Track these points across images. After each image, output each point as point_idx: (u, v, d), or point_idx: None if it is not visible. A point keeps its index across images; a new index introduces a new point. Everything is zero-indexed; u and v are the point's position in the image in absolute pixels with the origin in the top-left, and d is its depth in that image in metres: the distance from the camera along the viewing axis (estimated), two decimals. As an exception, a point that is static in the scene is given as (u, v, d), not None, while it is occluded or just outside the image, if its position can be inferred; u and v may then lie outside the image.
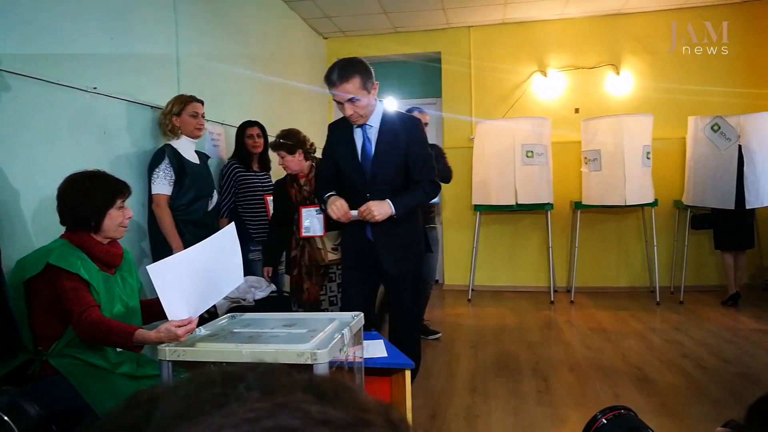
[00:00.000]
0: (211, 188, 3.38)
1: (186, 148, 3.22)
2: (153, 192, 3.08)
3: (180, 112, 3.18)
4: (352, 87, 2.48)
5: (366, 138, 2.68)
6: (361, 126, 2.69)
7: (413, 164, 2.68)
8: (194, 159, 3.26)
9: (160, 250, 3.07)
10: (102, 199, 2.04)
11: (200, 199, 3.23)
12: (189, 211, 3.18)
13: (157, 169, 3.08)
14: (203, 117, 3.28)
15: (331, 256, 3.31)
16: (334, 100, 2.59)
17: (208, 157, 3.51)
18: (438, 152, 4.28)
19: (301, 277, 3.95)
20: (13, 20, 2.35)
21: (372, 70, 2.62)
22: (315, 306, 3.66)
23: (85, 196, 2.02)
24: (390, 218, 2.63)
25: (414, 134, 2.70)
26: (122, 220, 2.10)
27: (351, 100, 2.50)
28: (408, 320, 2.86)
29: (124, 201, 2.13)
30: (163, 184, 3.07)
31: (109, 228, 2.07)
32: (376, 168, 2.67)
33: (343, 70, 2.48)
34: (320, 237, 3.34)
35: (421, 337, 4.03)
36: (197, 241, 3.08)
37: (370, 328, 2.75)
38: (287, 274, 4.24)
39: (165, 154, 3.10)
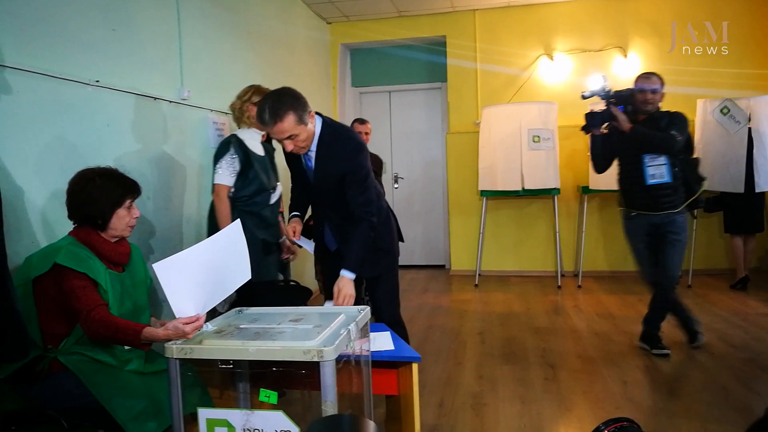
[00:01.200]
0: (274, 181, 3.30)
1: (252, 139, 3.18)
2: (214, 182, 3.07)
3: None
4: (288, 125, 2.36)
5: (307, 157, 2.64)
6: None
7: (350, 200, 2.58)
8: (260, 151, 3.21)
9: None
10: (111, 198, 2.04)
11: (263, 191, 3.18)
12: (251, 203, 3.13)
13: (222, 160, 3.05)
14: None
15: None
16: (272, 137, 2.53)
17: (274, 149, 3.45)
18: (673, 120, 3.54)
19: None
20: (14, 15, 2.33)
21: (304, 99, 2.46)
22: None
23: (94, 194, 2.01)
24: (347, 225, 2.60)
25: (349, 168, 2.55)
26: (130, 220, 2.10)
27: (290, 137, 2.40)
28: (385, 315, 2.84)
29: (133, 201, 2.12)
30: (225, 174, 3.05)
31: (116, 227, 2.07)
32: (317, 182, 2.64)
33: (274, 111, 2.34)
34: None
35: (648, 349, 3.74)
36: (258, 233, 3.05)
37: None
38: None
39: (231, 144, 3.07)
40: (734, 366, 3.41)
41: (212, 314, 2.12)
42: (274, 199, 3.29)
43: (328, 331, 1.76)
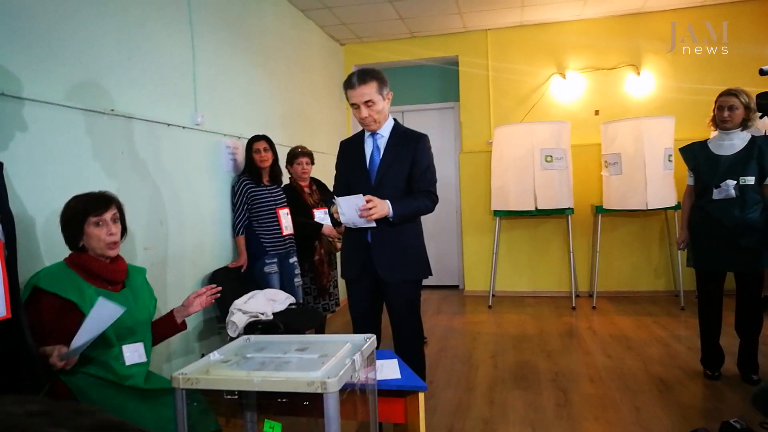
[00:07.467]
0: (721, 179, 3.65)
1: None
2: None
3: None
4: (369, 90, 2.66)
5: (375, 146, 2.83)
6: (372, 135, 2.84)
7: (415, 173, 2.79)
8: (718, 150, 3.83)
9: None
10: (75, 218, 2.04)
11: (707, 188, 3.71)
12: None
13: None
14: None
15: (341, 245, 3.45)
16: (351, 104, 2.75)
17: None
18: None
19: (322, 263, 4.39)
20: (32, 47, 2.40)
21: (388, 81, 2.78)
22: (324, 289, 4.41)
23: (65, 215, 2.07)
24: (386, 221, 2.69)
25: (420, 146, 2.83)
26: (104, 237, 2.04)
27: (367, 103, 2.67)
28: (404, 328, 2.86)
29: (101, 217, 2.05)
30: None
31: (92, 246, 2.05)
32: (382, 174, 2.77)
33: (362, 75, 2.68)
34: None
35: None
36: None
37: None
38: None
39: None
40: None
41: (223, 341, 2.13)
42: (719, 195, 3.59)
43: (333, 361, 1.77)
